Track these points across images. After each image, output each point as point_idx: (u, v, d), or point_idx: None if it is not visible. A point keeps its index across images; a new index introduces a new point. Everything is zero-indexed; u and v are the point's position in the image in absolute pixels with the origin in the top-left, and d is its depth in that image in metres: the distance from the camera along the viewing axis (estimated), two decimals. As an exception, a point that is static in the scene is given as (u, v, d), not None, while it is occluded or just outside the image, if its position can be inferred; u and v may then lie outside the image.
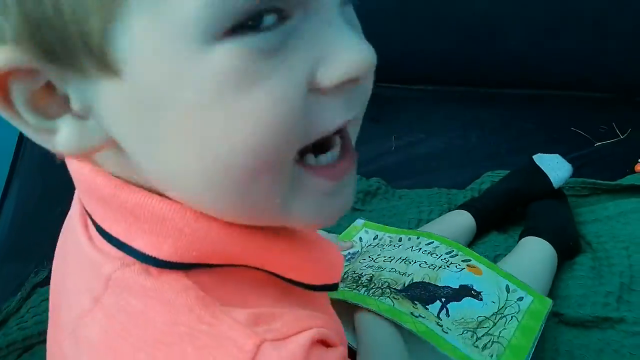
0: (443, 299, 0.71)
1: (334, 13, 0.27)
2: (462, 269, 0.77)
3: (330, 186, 0.30)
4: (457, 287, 0.74)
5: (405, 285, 0.73)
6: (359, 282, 0.75)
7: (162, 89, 0.24)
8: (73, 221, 0.34)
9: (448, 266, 0.78)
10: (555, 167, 1.07)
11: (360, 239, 0.90)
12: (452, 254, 0.81)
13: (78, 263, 0.32)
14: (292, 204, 0.29)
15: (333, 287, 0.37)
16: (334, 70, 0.26)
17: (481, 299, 0.72)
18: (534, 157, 1.10)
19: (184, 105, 0.25)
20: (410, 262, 0.79)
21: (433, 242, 0.84)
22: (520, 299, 0.74)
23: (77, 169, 0.31)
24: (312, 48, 0.26)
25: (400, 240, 0.87)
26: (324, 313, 0.36)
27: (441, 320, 0.68)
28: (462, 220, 1.04)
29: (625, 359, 0.83)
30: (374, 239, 0.90)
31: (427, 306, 0.69)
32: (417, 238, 0.86)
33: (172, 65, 0.24)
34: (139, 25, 0.23)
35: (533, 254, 0.92)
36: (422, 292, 0.72)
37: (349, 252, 0.87)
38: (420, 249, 0.83)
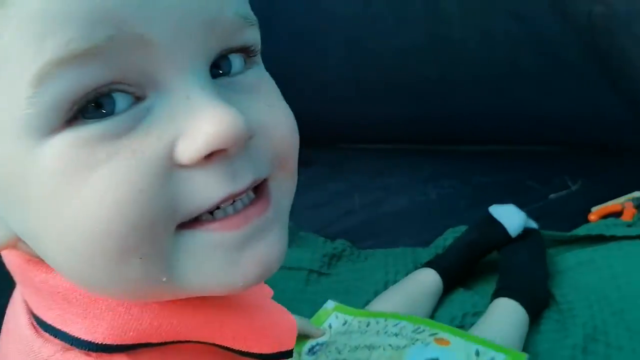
0: None
1: (194, 87, 0.25)
2: (429, 344, 0.78)
3: (235, 237, 0.27)
4: None
5: None
6: None
7: (13, 185, 0.24)
8: (15, 305, 0.33)
9: (414, 343, 0.79)
10: (510, 217, 1.11)
11: (330, 325, 0.91)
12: (418, 330, 0.82)
13: (18, 345, 0.31)
14: (188, 275, 0.27)
15: (288, 354, 0.36)
16: (190, 145, 0.24)
17: None
18: (490, 209, 1.15)
19: (34, 200, 0.24)
20: (374, 348, 0.79)
21: (400, 322, 0.85)
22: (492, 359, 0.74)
23: (6, 255, 0.31)
24: (169, 125, 0.25)
25: (368, 325, 0.87)
26: None
27: None
28: (427, 279, 1.06)
29: (596, 412, 0.84)
30: (343, 324, 0.90)
31: None
32: (385, 320, 0.87)
33: (11, 166, 0.24)
34: None
35: (505, 317, 0.93)
36: None
37: (317, 342, 0.86)
38: (386, 332, 0.83)
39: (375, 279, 1.11)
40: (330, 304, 0.95)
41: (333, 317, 0.92)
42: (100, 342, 0.28)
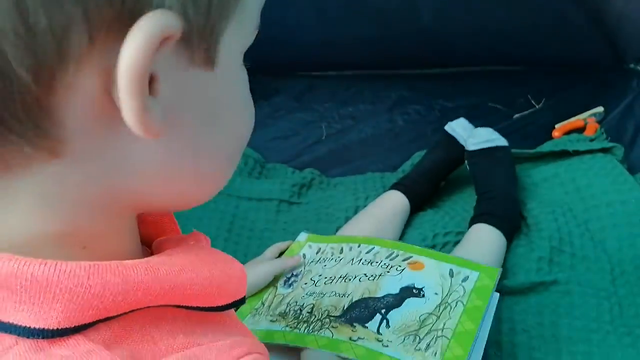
0: (383, 310, 0.71)
1: None
2: (403, 270, 0.78)
3: None
4: (398, 292, 0.74)
5: (345, 308, 0.73)
6: (300, 318, 0.74)
7: (230, 87, 0.28)
8: None
9: (389, 271, 0.78)
10: (461, 130, 1.13)
11: (304, 255, 0.89)
12: (392, 256, 0.82)
13: None
14: None
15: (241, 302, 0.35)
16: None
17: (423, 296, 0.73)
18: (446, 127, 1.16)
19: (239, 103, 0.30)
20: (350, 279, 0.79)
21: (373, 247, 0.85)
22: (465, 278, 0.75)
23: None
24: None
25: (341, 251, 0.87)
26: (239, 330, 0.34)
27: (381, 334, 0.68)
28: (394, 201, 1.06)
29: (562, 318, 0.88)
30: (317, 253, 0.89)
31: (366, 325, 0.70)
32: (358, 246, 0.86)
33: (236, 69, 0.29)
34: (232, 27, 0.26)
35: (485, 244, 0.95)
36: (361, 311, 0.72)
37: (293, 273, 0.85)
38: (360, 259, 0.83)
39: (345, 205, 1.10)
40: (302, 236, 0.94)
41: (306, 247, 0.91)
42: (54, 328, 0.25)
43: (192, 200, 0.31)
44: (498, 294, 0.77)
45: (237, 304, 0.34)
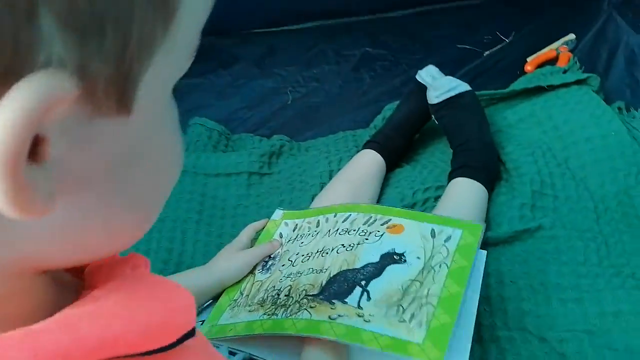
0: (363, 282, 0.67)
1: None
2: (382, 235, 0.74)
3: None
4: (378, 260, 0.70)
5: (323, 284, 0.69)
6: (277, 302, 0.70)
7: (152, 130, 0.23)
8: None
9: (367, 238, 0.74)
10: (432, 80, 1.06)
11: (281, 235, 0.84)
12: (369, 222, 0.77)
13: None
14: None
15: (191, 333, 0.30)
16: None
17: (404, 261, 0.69)
18: (416, 76, 1.09)
19: (162, 145, 0.25)
20: (327, 253, 0.74)
21: (350, 215, 0.80)
22: (448, 238, 0.71)
23: None
24: None
25: (318, 224, 0.82)
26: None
27: (362, 309, 0.64)
28: (368, 161, 1.02)
29: (549, 264, 0.86)
30: (294, 230, 0.84)
31: (345, 300, 0.65)
32: (334, 216, 0.81)
33: (161, 107, 0.24)
34: (157, 62, 0.21)
35: (466, 198, 0.91)
36: (340, 285, 0.68)
37: (270, 256, 0.81)
38: (337, 230, 0.78)
39: (318, 171, 1.06)
40: (277, 214, 0.89)
41: (282, 225, 0.86)
42: None
43: (106, 253, 0.27)
44: (485, 252, 0.74)
45: (187, 337, 0.30)
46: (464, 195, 0.91)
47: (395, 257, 0.69)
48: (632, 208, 0.90)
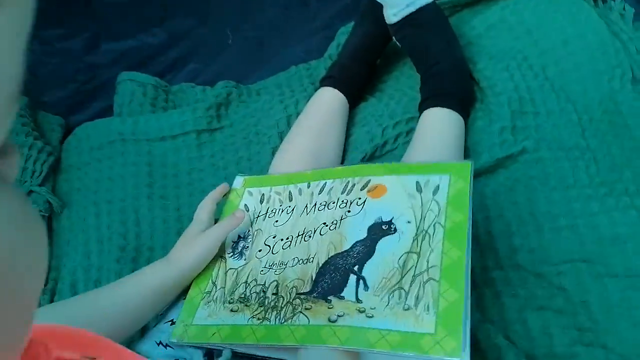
0: (356, 267, 0.59)
1: None
2: (364, 202, 0.64)
3: None
4: (366, 235, 0.61)
5: (313, 278, 0.60)
6: (266, 303, 0.61)
7: None
8: None
9: (349, 210, 0.64)
10: None
11: (246, 206, 0.74)
12: (348, 189, 0.67)
13: None
14: None
15: None
16: None
17: (395, 230, 0.60)
18: None
19: None
20: (310, 236, 0.65)
21: (325, 183, 0.70)
22: (436, 189, 0.61)
23: None
24: None
25: (290, 198, 0.71)
26: None
27: (361, 302, 0.56)
28: (329, 101, 0.90)
29: (537, 192, 0.80)
30: (261, 202, 0.73)
31: (341, 294, 0.57)
32: (308, 186, 0.71)
33: None
34: None
35: (442, 130, 0.81)
36: (332, 277, 0.59)
37: (239, 237, 0.70)
38: (315, 205, 0.68)
39: (275, 119, 0.94)
40: (238, 182, 0.77)
41: (246, 195, 0.75)
42: None
43: None
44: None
45: None
46: (439, 128, 0.82)
47: (383, 227, 0.61)
48: (619, 115, 0.83)
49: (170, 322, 0.66)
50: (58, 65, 1.09)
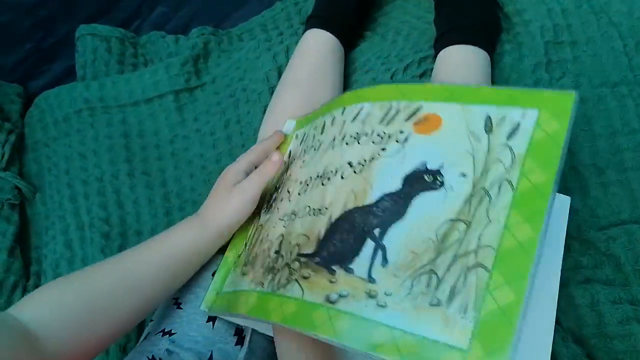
0: (377, 230, 0.43)
1: None
2: (406, 138, 0.47)
3: None
4: (400, 186, 0.45)
5: (321, 238, 0.47)
6: (266, 263, 0.50)
7: None
8: None
9: (384, 148, 0.48)
10: None
11: (290, 153, 0.61)
12: (389, 117, 0.50)
13: None
14: None
15: None
16: None
17: (441, 184, 0.43)
18: None
19: None
20: (328, 179, 0.50)
21: (362, 107, 0.53)
22: (514, 129, 0.42)
23: None
24: None
25: (323, 129, 0.56)
26: None
27: (374, 281, 0.41)
28: (318, 46, 0.74)
29: (579, 139, 0.68)
30: (301, 143, 0.60)
31: (350, 266, 0.43)
32: (342, 113, 0.54)
33: None
34: None
35: (465, 72, 0.66)
36: (343, 240, 0.45)
37: (277, 188, 0.58)
38: (344, 136, 0.52)
39: (263, 72, 0.80)
40: (289, 126, 0.64)
41: (294, 140, 0.62)
42: None
43: None
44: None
45: None
46: (462, 73, 0.68)
47: (426, 177, 0.44)
48: (674, 39, 0.69)
49: (162, 333, 0.58)
50: (9, 22, 0.94)
